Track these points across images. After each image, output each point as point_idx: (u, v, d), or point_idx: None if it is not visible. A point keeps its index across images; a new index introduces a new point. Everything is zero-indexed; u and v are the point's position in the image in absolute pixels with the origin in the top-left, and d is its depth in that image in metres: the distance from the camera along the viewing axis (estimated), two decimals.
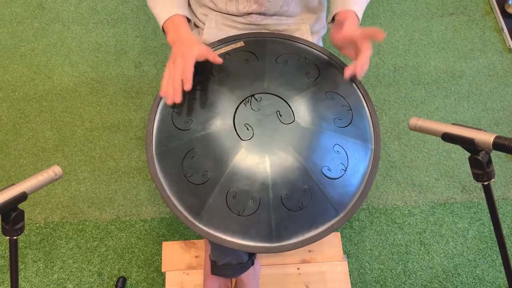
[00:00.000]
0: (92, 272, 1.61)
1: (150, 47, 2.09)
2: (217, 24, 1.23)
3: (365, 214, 1.75)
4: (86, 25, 2.13)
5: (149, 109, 1.92)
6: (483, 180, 0.79)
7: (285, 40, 1.19)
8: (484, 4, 2.31)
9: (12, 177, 1.76)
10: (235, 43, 1.16)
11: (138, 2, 2.22)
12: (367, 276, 1.64)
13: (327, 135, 1.01)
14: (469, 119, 1.99)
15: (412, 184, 1.82)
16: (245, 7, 1.18)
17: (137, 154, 1.82)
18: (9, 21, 2.12)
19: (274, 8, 1.19)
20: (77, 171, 1.78)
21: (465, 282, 1.65)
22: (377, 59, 2.12)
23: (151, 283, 1.59)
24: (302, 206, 0.97)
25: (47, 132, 1.85)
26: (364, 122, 1.08)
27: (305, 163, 0.97)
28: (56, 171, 0.81)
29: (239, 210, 0.96)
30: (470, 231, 1.74)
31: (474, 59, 2.15)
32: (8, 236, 0.78)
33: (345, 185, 1.01)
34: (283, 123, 1.00)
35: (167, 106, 1.08)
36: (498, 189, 1.83)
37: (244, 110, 1.01)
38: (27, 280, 1.58)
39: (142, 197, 1.74)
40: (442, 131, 0.83)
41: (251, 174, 0.96)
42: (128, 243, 1.66)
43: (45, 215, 1.69)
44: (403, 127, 1.95)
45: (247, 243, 0.98)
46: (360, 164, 1.03)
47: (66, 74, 2.00)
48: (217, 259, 1.37)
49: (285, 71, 1.07)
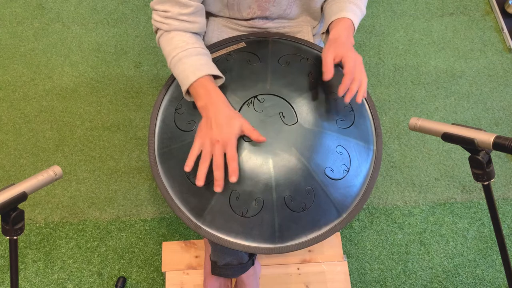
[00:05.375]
0: (92, 272, 1.60)
1: (150, 47, 2.08)
2: (218, 26, 1.22)
3: (365, 214, 1.76)
4: (86, 25, 2.13)
5: (149, 109, 1.92)
6: (483, 180, 0.79)
7: (287, 41, 1.19)
8: (484, 4, 2.31)
9: (12, 177, 1.75)
10: (236, 44, 1.16)
11: (138, 2, 2.21)
12: (367, 276, 1.65)
13: (329, 136, 1.01)
14: (469, 119, 1.99)
15: (412, 184, 1.83)
16: (249, 13, 1.17)
17: (137, 154, 1.82)
18: (9, 21, 2.12)
19: (278, 12, 1.18)
20: (77, 171, 1.78)
21: (465, 282, 1.65)
22: (377, 59, 2.12)
23: (151, 283, 1.59)
24: (305, 207, 0.97)
25: (47, 132, 1.85)
26: (366, 123, 1.09)
27: (308, 164, 0.97)
28: (56, 171, 0.81)
29: (242, 211, 0.96)
30: (470, 231, 1.74)
31: (474, 59, 2.15)
32: (8, 236, 0.78)
33: (347, 186, 1.01)
34: (286, 124, 1.00)
35: (169, 107, 1.08)
36: (498, 189, 1.84)
37: (247, 111, 1.01)
38: (27, 280, 1.58)
39: (142, 197, 1.74)
40: (442, 131, 0.83)
41: (254, 175, 0.96)
42: (128, 243, 1.66)
43: (45, 215, 1.69)
44: (403, 127, 1.95)
45: (250, 244, 0.98)
46: (362, 165, 1.04)
47: (66, 74, 1.99)
48: (218, 259, 1.37)
49: (287, 72, 1.07)
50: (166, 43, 1.05)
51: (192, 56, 1.00)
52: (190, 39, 1.04)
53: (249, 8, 1.15)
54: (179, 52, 1.01)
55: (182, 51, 1.01)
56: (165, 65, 2.03)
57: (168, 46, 1.04)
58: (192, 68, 0.98)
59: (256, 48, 1.14)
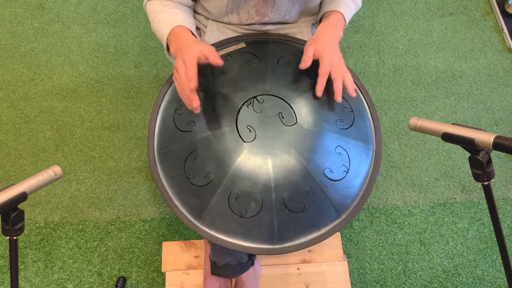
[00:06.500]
0: (92, 272, 1.61)
1: (150, 47, 2.08)
2: (218, 27, 1.22)
3: (365, 214, 1.76)
4: (86, 25, 2.13)
5: (149, 109, 1.92)
6: (483, 180, 0.79)
7: (286, 41, 1.18)
8: (484, 4, 2.31)
9: (12, 177, 1.76)
10: (236, 45, 1.16)
11: (138, 2, 2.21)
12: (367, 276, 1.65)
13: (329, 137, 1.01)
14: (469, 119, 1.99)
15: (412, 184, 1.83)
16: (248, 19, 1.17)
17: (137, 154, 1.82)
18: (9, 21, 2.12)
19: (277, 18, 1.18)
20: (77, 171, 1.78)
21: (465, 282, 1.65)
22: (377, 59, 2.12)
23: (151, 283, 1.59)
24: (304, 208, 0.97)
25: (47, 132, 1.85)
26: (366, 123, 1.09)
27: (307, 165, 0.97)
28: (56, 171, 0.81)
29: (241, 212, 0.96)
30: (470, 231, 1.74)
31: (474, 59, 2.15)
32: (8, 236, 0.78)
33: (347, 186, 1.01)
34: (285, 125, 1.00)
35: (168, 107, 1.08)
36: (498, 189, 1.84)
37: (246, 111, 1.01)
38: (27, 280, 1.58)
39: (142, 197, 1.74)
40: (442, 131, 0.83)
41: (253, 176, 0.96)
42: (128, 243, 1.66)
43: (45, 215, 1.69)
44: (403, 127, 1.95)
45: (249, 245, 0.98)
46: (362, 166, 1.03)
47: (66, 74, 1.99)
48: (217, 259, 1.37)
49: (287, 73, 1.07)
50: (149, 8, 1.13)
51: (169, 14, 1.09)
52: (171, 3, 1.12)
53: (248, 14, 1.15)
54: (158, 14, 1.09)
55: (161, 12, 1.09)
56: (165, 65, 2.03)
57: (150, 11, 1.12)
58: (166, 23, 1.07)
59: (255, 48, 1.14)
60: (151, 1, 1.13)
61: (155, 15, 1.09)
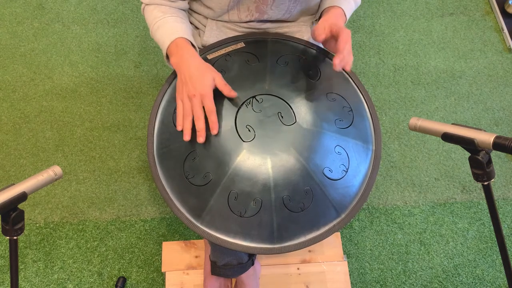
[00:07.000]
0: (92, 272, 1.61)
1: (150, 47, 2.09)
2: (217, 26, 1.22)
3: (365, 214, 1.76)
4: (86, 25, 2.13)
5: (149, 109, 1.92)
6: (483, 180, 0.79)
7: (285, 40, 1.19)
8: (484, 4, 2.31)
9: (12, 177, 1.76)
10: (235, 44, 1.16)
11: (138, 2, 2.21)
12: (367, 276, 1.65)
13: (328, 136, 1.01)
14: (469, 119, 1.99)
15: (412, 184, 1.83)
16: (247, 16, 1.17)
17: (137, 154, 1.82)
18: (9, 21, 2.12)
19: (276, 16, 1.18)
20: (77, 171, 1.78)
21: (465, 282, 1.65)
22: (377, 59, 2.12)
23: (151, 283, 1.59)
24: (303, 207, 0.97)
25: (47, 132, 1.85)
26: (365, 123, 1.09)
27: (306, 164, 0.97)
28: (56, 171, 0.81)
29: (240, 212, 0.96)
30: (470, 231, 1.74)
31: (474, 59, 2.15)
32: (8, 236, 0.78)
33: (346, 186, 1.01)
34: (284, 125, 1.00)
35: (168, 107, 1.08)
36: (498, 189, 1.84)
37: (245, 111, 1.01)
38: (27, 280, 1.58)
39: (142, 197, 1.74)
40: (442, 131, 0.82)
41: (253, 175, 0.96)
42: (128, 243, 1.66)
43: (45, 215, 1.69)
44: (403, 127, 1.95)
45: (249, 245, 0.98)
46: (361, 165, 1.03)
47: (66, 74, 1.99)
48: (217, 259, 1.37)
49: (286, 72, 1.07)
50: (148, 13, 1.13)
51: (170, 23, 1.08)
52: (169, 10, 1.11)
53: (248, 10, 1.15)
54: (157, 21, 1.09)
55: (160, 19, 1.09)
56: (165, 65, 2.03)
57: (150, 17, 1.12)
58: (168, 32, 1.06)
59: (255, 48, 1.14)
60: (149, 6, 1.13)
61: (155, 21, 1.10)
